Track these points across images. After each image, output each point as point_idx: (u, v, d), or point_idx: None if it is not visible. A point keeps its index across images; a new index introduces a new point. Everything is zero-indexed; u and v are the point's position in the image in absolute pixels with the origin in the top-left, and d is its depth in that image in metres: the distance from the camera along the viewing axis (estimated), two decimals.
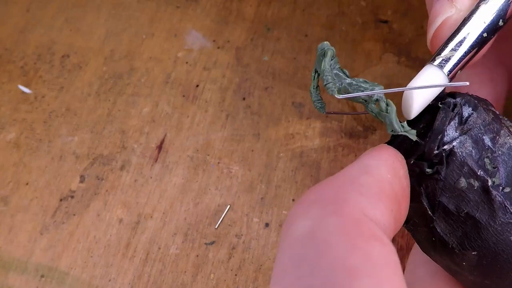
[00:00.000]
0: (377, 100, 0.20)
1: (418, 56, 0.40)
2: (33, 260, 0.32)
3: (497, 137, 0.20)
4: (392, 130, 0.20)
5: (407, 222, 0.21)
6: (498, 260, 0.19)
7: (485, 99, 0.22)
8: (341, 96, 0.21)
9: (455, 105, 0.20)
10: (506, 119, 0.21)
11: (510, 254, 0.19)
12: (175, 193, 0.34)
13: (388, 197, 0.18)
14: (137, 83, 0.39)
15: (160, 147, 0.36)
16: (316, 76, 0.22)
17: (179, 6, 0.44)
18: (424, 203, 0.20)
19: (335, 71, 0.22)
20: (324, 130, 0.36)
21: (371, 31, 0.41)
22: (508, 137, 0.20)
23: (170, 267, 0.32)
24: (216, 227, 0.33)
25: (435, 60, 0.21)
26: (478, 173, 0.19)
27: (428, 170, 0.19)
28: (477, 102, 0.20)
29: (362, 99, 0.21)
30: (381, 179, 0.18)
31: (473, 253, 0.19)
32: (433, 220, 0.20)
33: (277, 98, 0.38)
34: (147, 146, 0.36)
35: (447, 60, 0.21)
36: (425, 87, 0.20)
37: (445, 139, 0.19)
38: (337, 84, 0.21)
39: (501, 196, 0.19)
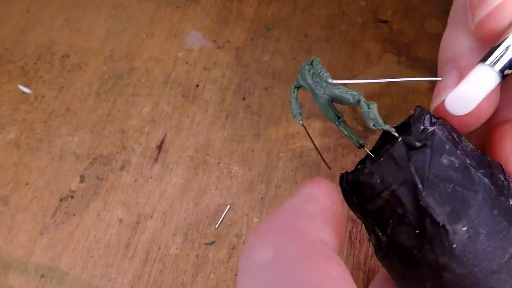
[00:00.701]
0: (359, 101, 0.22)
1: (418, 56, 0.40)
2: (33, 260, 0.32)
3: (461, 138, 0.22)
4: (374, 125, 0.22)
5: (384, 227, 0.22)
6: (485, 235, 0.20)
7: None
8: (336, 82, 0.23)
9: (428, 112, 0.22)
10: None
11: (493, 228, 0.20)
12: (175, 193, 0.34)
13: (331, 221, 0.20)
14: (137, 83, 0.39)
15: (160, 147, 0.36)
16: (295, 90, 0.24)
17: (179, 6, 0.44)
18: (415, 177, 0.20)
19: (324, 77, 0.23)
20: (324, 130, 0.37)
21: (371, 31, 0.41)
22: (468, 143, 0.22)
23: (170, 267, 0.32)
24: (216, 227, 0.33)
25: (486, 59, 0.21)
26: (457, 152, 0.20)
27: (417, 143, 0.21)
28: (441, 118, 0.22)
29: (333, 115, 0.24)
30: (324, 206, 0.20)
31: (463, 228, 0.20)
32: (422, 197, 0.20)
33: (277, 98, 0.38)
34: (147, 146, 0.36)
35: (498, 59, 0.21)
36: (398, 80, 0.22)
37: (425, 125, 0.21)
38: (321, 91, 0.23)
39: (479, 173, 0.20)
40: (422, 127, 0.21)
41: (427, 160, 0.20)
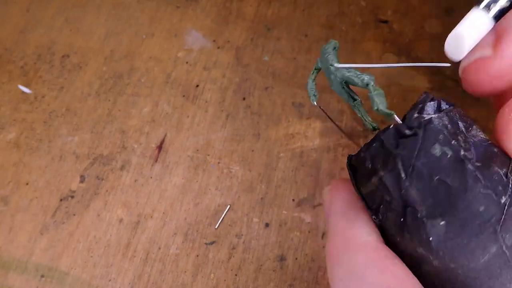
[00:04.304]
0: (367, 84, 0.22)
1: (418, 56, 0.40)
2: (33, 260, 0.32)
3: (470, 128, 0.21)
4: (377, 109, 0.22)
5: (376, 212, 0.22)
6: (465, 232, 0.19)
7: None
8: (340, 65, 0.23)
9: (433, 98, 0.22)
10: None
11: (476, 226, 0.19)
12: (175, 193, 0.34)
13: (369, 223, 0.22)
14: (137, 83, 0.39)
15: (160, 147, 0.36)
16: (314, 72, 0.25)
17: (179, 6, 0.44)
18: (399, 166, 0.20)
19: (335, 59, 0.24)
20: (324, 130, 0.36)
21: (371, 31, 0.41)
22: (480, 132, 0.21)
23: (170, 267, 0.32)
24: (216, 227, 0.33)
25: (480, 3, 0.22)
26: (452, 142, 0.20)
27: (407, 131, 0.21)
28: (454, 104, 0.22)
29: (348, 97, 0.24)
30: (356, 216, 0.23)
31: (441, 222, 0.20)
32: (405, 186, 0.20)
33: (277, 98, 0.38)
34: (147, 146, 0.36)
35: (492, 4, 0.22)
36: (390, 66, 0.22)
37: (424, 112, 0.21)
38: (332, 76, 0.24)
39: (473, 166, 0.20)
40: (416, 115, 0.21)
41: (415, 149, 0.20)
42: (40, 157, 0.36)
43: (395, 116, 0.22)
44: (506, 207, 0.19)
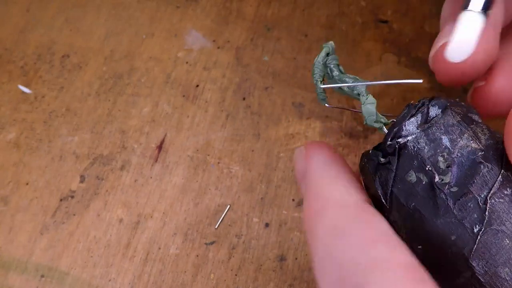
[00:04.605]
0: (358, 94, 0.23)
1: (418, 56, 0.40)
2: (33, 260, 0.32)
3: (458, 139, 0.20)
4: (366, 123, 0.22)
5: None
6: (440, 259, 0.19)
7: (469, 105, 0.22)
8: (323, 86, 0.24)
9: (422, 104, 0.21)
10: (481, 123, 0.21)
11: (449, 255, 0.19)
12: (175, 193, 0.34)
13: (351, 179, 0.22)
14: (137, 83, 0.39)
15: (160, 147, 0.36)
16: (320, 75, 0.25)
17: (179, 6, 0.44)
18: (379, 191, 0.21)
19: (331, 65, 0.24)
20: (324, 130, 0.36)
21: (371, 31, 0.41)
22: (472, 141, 0.20)
23: (170, 267, 0.32)
24: (216, 227, 0.33)
25: (468, 5, 0.23)
26: (426, 168, 0.20)
27: (382, 159, 0.21)
28: (448, 105, 0.21)
29: (354, 93, 0.24)
30: (335, 173, 0.22)
31: (418, 246, 0.20)
32: (386, 209, 0.21)
33: (277, 98, 0.38)
34: (147, 146, 0.36)
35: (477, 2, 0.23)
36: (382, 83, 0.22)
37: (402, 133, 0.20)
38: (324, 75, 0.24)
39: (445, 195, 0.19)
40: (389, 142, 0.20)
41: (391, 177, 0.20)
42: (40, 157, 0.36)
43: (384, 128, 0.22)
44: (479, 236, 0.19)
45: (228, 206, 0.34)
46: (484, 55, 0.23)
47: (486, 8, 0.23)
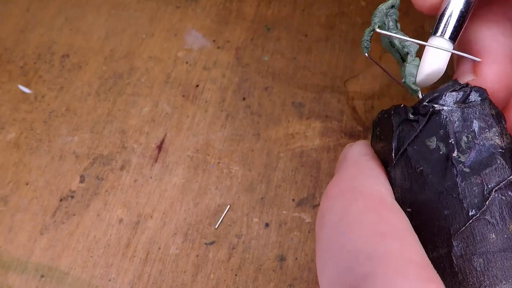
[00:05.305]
0: (407, 53, 0.23)
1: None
2: (33, 260, 0.32)
3: (487, 129, 0.21)
4: (404, 82, 0.22)
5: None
6: (424, 228, 0.20)
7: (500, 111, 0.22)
8: (379, 31, 0.24)
9: (466, 85, 0.21)
10: (505, 128, 0.22)
11: (435, 227, 0.20)
12: (175, 193, 0.34)
13: (383, 176, 0.22)
14: (137, 83, 0.39)
15: (160, 147, 0.36)
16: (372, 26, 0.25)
17: (179, 6, 0.44)
18: (393, 144, 0.21)
19: (391, 18, 0.24)
20: (324, 130, 0.36)
21: None
22: (497, 137, 0.21)
23: (170, 267, 0.32)
24: (216, 227, 0.33)
25: (436, 32, 0.23)
26: (449, 141, 0.20)
27: (411, 116, 0.21)
28: (488, 97, 0.21)
29: (398, 56, 0.24)
30: (373, 167, 0.22)
31: (408, 209, 0.20)
32: (392, 164, 0.21)
33: (277, 98, 0.38)
34: (147, 146, 0.36)
35: (445, 28, 0.23)
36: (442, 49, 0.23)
37: (440, 101, 0.21)
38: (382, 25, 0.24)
39: (457, 171, 0.20)
40: (425, 103, 0.21)
41: (411, 136, 0.21)
42: (40, 157, 0.36)
43: (420, 93, 0.22)
44: (471, 220, 0.19)
45: (228, 206, 0.34)
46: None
47: (453, 35, 0.23)
